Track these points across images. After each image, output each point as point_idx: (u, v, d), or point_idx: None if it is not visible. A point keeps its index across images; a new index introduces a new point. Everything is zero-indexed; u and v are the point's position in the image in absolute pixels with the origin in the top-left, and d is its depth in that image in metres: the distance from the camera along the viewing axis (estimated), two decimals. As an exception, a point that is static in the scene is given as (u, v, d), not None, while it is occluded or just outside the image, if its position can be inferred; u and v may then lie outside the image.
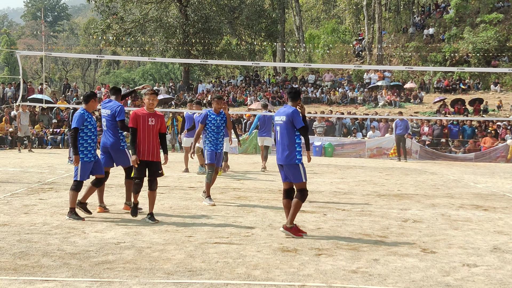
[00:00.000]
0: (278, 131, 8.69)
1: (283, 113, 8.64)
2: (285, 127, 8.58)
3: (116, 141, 10.32)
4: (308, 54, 57.86)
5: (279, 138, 8.67)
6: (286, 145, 8.56)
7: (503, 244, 8.45)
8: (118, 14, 45.58)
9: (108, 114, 10.35)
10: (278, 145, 8.70)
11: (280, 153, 8.66)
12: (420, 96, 39.53)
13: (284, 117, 8.59)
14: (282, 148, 8.62)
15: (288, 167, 8.58)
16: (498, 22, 46.48)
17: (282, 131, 8.62)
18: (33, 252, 7.20)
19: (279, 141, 8.68)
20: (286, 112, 8.59)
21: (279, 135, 8.68)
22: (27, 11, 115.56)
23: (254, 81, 45.61)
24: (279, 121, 8.67)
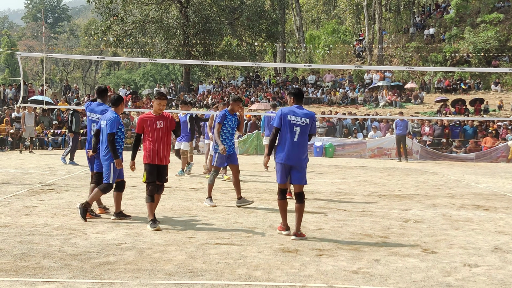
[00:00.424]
0: (297, 132, 8.54)
1: (306, 116, 8.57)
2: (306, 130, 8.56)
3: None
4: (308, 54, 57.85)
5: (297, 138, 8.54)
6: (305, 147, 8.59)
7: (504, 244, 8.45)
8: (118, 15, 45.64)
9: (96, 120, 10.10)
10: (294, 145, 8.55)
11: (296, 154, 8.55)
12: (421, 96, 39.52)
13: (308, 120, 8.56)
14: (299, 150, 8.54)
15: (300, 168, 8.58)
16: (498, 22, 46.48)
17: (303, 132, 8.55)
18: (34, 254, 7.20)
19: (296, 142, 8.54)
20: (310, 115, 8.60)
21: (297, 136, 8.54)
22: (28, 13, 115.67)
23: (254, 82, 45.62)
24: (301, 122, 8.55)
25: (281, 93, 41.28)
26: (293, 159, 8.54)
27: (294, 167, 8.58)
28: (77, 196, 12.20)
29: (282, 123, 8.61)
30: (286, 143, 8.57)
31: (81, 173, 16.85)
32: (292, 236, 8.49)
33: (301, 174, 8.60)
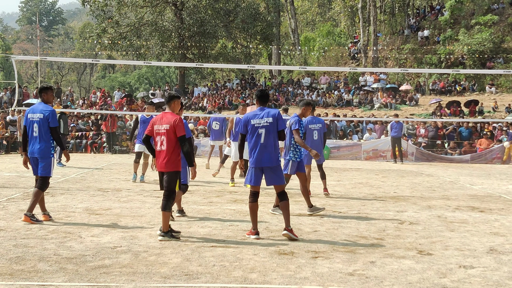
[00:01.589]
0: (263, 134, 8.60)
1: (268, 115, 8.66)
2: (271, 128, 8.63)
3: (47, 148, 9.70)
4: (303, 56, 57.90)
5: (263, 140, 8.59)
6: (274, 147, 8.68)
7: (500, 246, 8.47)
8: (113, 18, 45.58)
9: (40, 118, 9.68)
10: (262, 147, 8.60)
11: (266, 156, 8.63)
12: (416, 98, 39.58)
13: (271, 118, 8.64)
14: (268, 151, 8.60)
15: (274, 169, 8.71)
16: (492, 24, 46.59)
17: (269, 132, 8.61)
18: (29, 257, 7.18)
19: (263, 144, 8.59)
20: (272, 113, 8.67)
21: (263, 138, 8.59)
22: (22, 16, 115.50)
23: (250, 84, 45.62)
24: (264, 123, 8.63)
25: (276, 96, 41.29)
26: (263, 161, 8.59)
27: (267, 168, 8.64)
28: (72, 199, 12.19)
29: (247, 129, 8.72)
30: (254, 147, 8.66)
31: (76, 176, 16.83)
32: (284, 231, 8.58)
33: (276, 175, 8.69)
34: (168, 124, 8.52)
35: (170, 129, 8.50)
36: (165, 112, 8.74)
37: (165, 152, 8.52)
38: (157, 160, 8.66)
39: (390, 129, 25.55)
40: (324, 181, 13.83)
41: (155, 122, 8.64)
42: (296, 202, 12.48)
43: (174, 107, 8.83)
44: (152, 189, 14.29)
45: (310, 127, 13.31)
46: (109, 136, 28.91)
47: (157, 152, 8.62)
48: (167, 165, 8.53)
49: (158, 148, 8.58)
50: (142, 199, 12.40)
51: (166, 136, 8.51)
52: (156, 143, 8.62)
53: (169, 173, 8.55)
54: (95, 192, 13.52)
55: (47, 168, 9.69)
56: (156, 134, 8.60)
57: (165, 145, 8.52)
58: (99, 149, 29.18)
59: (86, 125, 30.86)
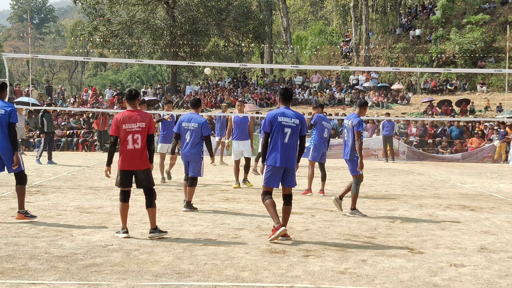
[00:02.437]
0: (288, 133, 8.44)
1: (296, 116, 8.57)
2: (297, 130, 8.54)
3: (10, 146, 9.54)
4: (295, 55, 57.88)
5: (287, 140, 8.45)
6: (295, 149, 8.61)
7: (490, 244, 8.50)
8: (105, 16, 45.46)
9: (2, 113, 9.48)
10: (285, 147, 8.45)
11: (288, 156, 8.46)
12: (407, 97, 39.65)
13: (298, 120, 8.54)
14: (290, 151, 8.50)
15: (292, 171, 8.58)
16: (484, 23, 46.70)
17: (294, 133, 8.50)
18: (20, 255, 7.16)
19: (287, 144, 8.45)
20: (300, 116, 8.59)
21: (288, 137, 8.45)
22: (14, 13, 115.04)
23: (242, 83, 45.60)
24: (292, 123, 8.49)
25: (268, 94, 41.29)
26: (285, 161, 8.40)
27: (287, 169, 8.48)
28: (64, 198, 12.16)
29: (272, 127, 8.48)
30: (277, 145, 8.43)
31: (67, 175, 16.79)
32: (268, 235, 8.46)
33: (292, 176, 8.56)
34: (143, 122, 8.51)
35: (146, 127, 8.52)
36: (132, 110, 8.64)
37: (140, 151, 8.51)
38: (128, 158, 8.51)
39: (382, 128, 25.61)
40: (323, 183, 13.89)
41: (124, 120, 8.48)
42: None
43: (137, 104, 8.80)
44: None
45: (323, 123, 13.58)
46: (100, 134, 28.84)
47: (129, 150, 8.48)
48: (143, 163, 8.55)
49: (130, 147, 8.46)
50: (133, 197, 12.34)
51: (141, 134, 8.49)
52: (126, 142, 8.49)
53: (145, 171, 8.58)
54: (86, 190, 13.49)
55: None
56: (127, 133, 8.46)
57: (139, 143, 8.47)
58: (90, 147, 29.13)
59: (78, 123, 30.80)
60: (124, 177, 8.56)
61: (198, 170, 11.11)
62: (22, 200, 9.55)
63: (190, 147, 11.04)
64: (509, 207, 12.45)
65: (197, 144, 11.06)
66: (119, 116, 8.59)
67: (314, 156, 13.80)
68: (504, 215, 11.33)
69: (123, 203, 8.56)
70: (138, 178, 8.58)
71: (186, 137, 11.11)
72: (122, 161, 8.53)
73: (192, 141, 11.04)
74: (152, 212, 8.52)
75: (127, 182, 8.60)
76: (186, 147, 11.09)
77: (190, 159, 11.09)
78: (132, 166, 8.52)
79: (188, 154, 11.06)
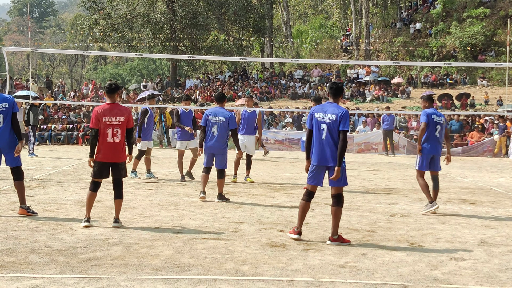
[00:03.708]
0: (324, 130, 8.01)
1: (333, 112, 8.00)
2: (333, 127, 7.95)
3: (12, 138, 9.54)
4: (295, 49, 57.81)
5: (325, 137, 7.99)
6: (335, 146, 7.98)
7: (490, 238, 8.50)
8: (105, 10, 45.42)
9: (6, 107, 9.46)
10: (323, 145, 8.02)
11: (326, 154, 7.99)
12: (408, 91, 39.63)
13: (334, 116, 7.97)
14: (329, 149, 7.98)
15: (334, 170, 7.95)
16: (484, 17, 46.65)
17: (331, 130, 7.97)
18: (20, 249, 7.16)
19: (325, 141, 8.00)
20: (337, 112, 7.99)
21: (324, 134, 7.99)
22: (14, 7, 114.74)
23: (242, 77, 45.56)
24: (327, 119, 8.00)
25: (268, 88, 41.26)
26: (325, 160, 8.02)
27: (329, 168, 8.04)
28: (64, 192, 12.16)
29: (311, 123, 8.18)
30: (316, 143, 8.10)
31: (68, 168, 16.78)
32: (328, 241, 7.97)
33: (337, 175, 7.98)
34: (123, 116, 8.68)
35: (125, 121, 8.70)
36: (111, 103, 8.80)
37: (119, 144, 8.69)
38: (107, 151, 8.68)
39: (382, 122, 25.61)
40: None
41: (104, 114, 8.65)
42: (288, 195, 12.50)
43: (116, 97, 8.94)
44: (151, 181, 14.28)
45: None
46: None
47: (109, 143, 8.65)
48: (122, 156, 8.76)
49: (110, 140, 8.63)
50: (133, 191, 12.38)
51: (120, 128, 8.65)
52: (106, 135, 8.64)
53: (122, 164, 8.80)
54: (86, 184, 13.43)
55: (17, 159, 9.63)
56: (107, 126, 8.63)
57: (119, 136, 8.65)
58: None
59: (78, 117, 30.77)
60: (101, 169, 8.76)
61: (225, 163, 11.57)
62: (23, 195, 9.54)
63: (217, 140, 11.39)
64: (509, 201, 12.45)
65: (223, 137, 11.44)
66: (99, 109, 8.76)
67: None
68: (504, 209, 11.34)
69: (92, 192, 8.82)
70: (115, 170, 8.77)
71: (213, 131, 11.42)
72: (101, 153, 8.71)
73: (218, 134, 11.39)
74: (120, 203, 8.80)
75: (103, 173, 8.80)
76: (212, 140, 11.42)
77: (216, 152, 11.46)
78: (111, 159, 8.71)
79: (215, 146, 11.43)
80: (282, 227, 8.90)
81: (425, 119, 10.82)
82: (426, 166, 10.96)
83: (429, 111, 10.90)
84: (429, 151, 10.86)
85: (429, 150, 10.85)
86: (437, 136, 10.87)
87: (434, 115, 10.85)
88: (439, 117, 10.90)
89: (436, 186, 11.02)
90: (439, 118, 10.89)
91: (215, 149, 11.42)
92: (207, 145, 11.50)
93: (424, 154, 10.88)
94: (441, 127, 10.83)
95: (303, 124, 28.97)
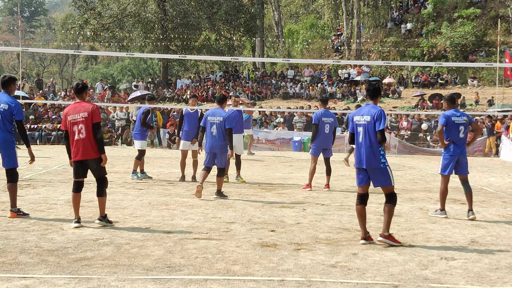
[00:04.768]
0: (361, 133, 8.03)
1: (368, 113, 8.06)
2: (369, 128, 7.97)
3: (9, 137, 9.51)
4: (287, 49, 57.87)
5: (362, 139, 8.04)
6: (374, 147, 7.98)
7: (481, 238, 8.53)
8: (95, 9, 45.28)
9: (5, 108, 9.41)
10: (361, 147, 8.06)
11: (365, 156, 8.00)
12: (399, 91, 39.75)
13: (368, 117, 8.01)
14: (368, 151, 7.98)
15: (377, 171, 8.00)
16: (475, 17, 46.87)
17: (367, 131, 8.00)
18: (10, 249, 7.14)
19: (362, 143, 8.04)
20: (371, 112, 8.05)
21: (361, 137, 8.03)
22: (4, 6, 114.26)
23: (233, 77, 45.55)
24: (363, 121, 8.05)
25: (260, 88, 41.27)
26: (363, 162, 8.02)
27: (370, 170, 8.03)
28: (54, 192, 12.12)
29: (352, 126, 8.19)
30: (357, 146, 8.15)
31: (58, 168, 16.73)
32: (379, 237, 7.95)
33: (382, 175, 7.99)
34: (86, 111, 8.65)
35: (89, 116, 8.64)
36: (77, 102, 8.87)
37: (86, 140, 8.64)
38: (76, 149, 8.68)
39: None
40: (328, 177, 13.84)
41: (68, 113, 8.75)
42: (279, 195, 12.50)
43: (85, 96, 8.96)
44: (141, 182, 14.26)
45: (323, 119, 13.57)
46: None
47: (76, 141, 8.66)
48: (92, 152, 8.70)
49: (76, 137, 8.64)
50: (124, 191, 12.36)
51: (84, 124, 8.64)
52: (73, 133, 8.69)
53: (96, 160, 8.74)
54: (77, 184, 13.43)
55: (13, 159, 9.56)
56: (72, 124, 8.69)
57: (83, 132, 8.63)
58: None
59: (68, 117, 30.64)
60: (76, 168, 8.79)
61: (225, 161, 12.00)
62: (14, 198, 9.45)
63: (218, 139, 11.77)
64: (499, 201, 12.51)
65: (223, 137, 11.77)
66: (66, 110, 8.87)
67: (314, 152, 13.81)
68: (494, 209, 11.39)
69: (75, 193, 8.82)
70: (90, 167, 8.78)
71: (212, 131, 11.83)
72: (73, 153, 8.74)
73: (218, 134, 11.77)
74: (102, 200, 8.82)
75: (79, 172, 8.80)
76: (213, 140, 11.80)
77: (217, 151, 11.82)
78: (82, 156, 8.68)
79: (215, 146, 11.82)
80: (273, 227, 8.90)
81: (442, 121, 10.41)
82: (450, 170, 10.52)
83: (448, 113, 10.43)
84: (453, 153, 10.39)
85: (453, 152, 10.39)
86: (461, 137, 10.36)
87: (453, 116, 10.36)
88: (460, 118, 10.37)
89: (468, 189, 10.50)
90: (460, 118, 10.37)
91: (216, 148, 11.79)
92: (208, 145, 11.87)
93: (448, 156, 10.46)
94: (464, 127, 10.38)
95: (294, 124, 29.00)
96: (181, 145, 14.81)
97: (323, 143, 13.67)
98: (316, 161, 13.78)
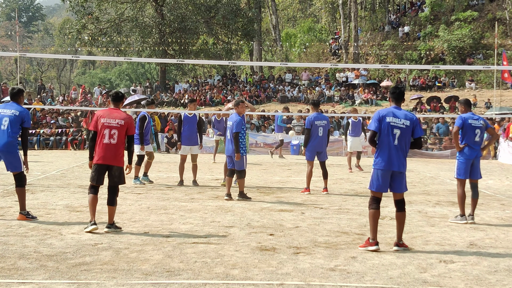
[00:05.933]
0: (397, 135, 7.90)
1: (406, 117, 8.03)
2: (406, 132, 7.94)
3: (13, 143, 9.58)
4: (285, 53, 57.92)
5: (397, 142, 7.90)
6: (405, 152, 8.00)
7: (479, 240, 8.53)
8: (93, 14, 45.32)
9: (16, 114, 9.53)
10: (394, 149, 7.90)
11: (398, 159, 7.90)
12: (397, 94, 39.72)
13: (408, 122, 7.99)
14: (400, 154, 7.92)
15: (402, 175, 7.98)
16: (472, 20, 46.93)
17: (403, 135, 7.94)
18: (9, 255, 7.12)
19: (397, 146, 7.91)
20: (411, 118, 8.05)
21: (397, 139, 7.90)
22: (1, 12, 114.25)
23: (231, 81, 45.58)
24: (401, 125, 7.97)
25: (258, 92, 41.29)
26: (395, 165, 7.89)
27: (395, 173, 7.95)
28: (53, 197, 12.11)
29: (380, 126, 7.99)
30: (386, 147, 7.93)
31: (56, 173, 16.72)
32: (394, 246, 7.90)
33: (402, 181, 7.98)
34: (123, 120, 8.67)
35: (124, 125, 8.67)
36: (114, 108, 8.92)
37: (116, 146, 8.64)
38: (103, 152, 8.63)
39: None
40: (325, 181, 13.84)
41: (103, 115, 8.72)
42: (278, 199, 12.50)
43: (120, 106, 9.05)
44: (140, 186, 14.24)
45: (316, 123, 13.64)
46: (89, 133, 28.71)
47: (105, 144, 8.61)
48: (118, 159, 8.69)
49: (106, 141, 8.60)
50: (123, 196, 12.34)
51: (118, 130, 8.63)
52: (103, 136, 8.64)
53: (119, 168, 8.72)
54: (75, 189, 13.44)
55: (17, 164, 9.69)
56: (104, 127, 8.64)
57: (115, 138, 8.62)
58: (79, 146, 29.01)
59: (66, 121, 30.67)
60: (98, 172, 8.68)
61: (242, 163, 12.14)
62: (23, 201, 9.60)
63: (231, 143, 12.16)
64: (497, 203, 12.51)
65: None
66: (100, 112, 8.85)
67: (309, 156, 13.81)
68: (493, 211, 11.38)
69: (93, 195, 8.74)
70: (112, 174, 8.69)
71: (227, 135, 12.35)
72: (97, 155, 8.65)
73: (231, 138, 12.12)
74: (112, 209, 8.73)
75: (99, 178, 8.71)
76: (228, 144, 12.29)
77: (232, 154, 12.11)
78: (108, 161, 8.63)
79: (229, 149, 12.23)
80: (272, 230, 8.89)
81: (459, 123, 10.31)
82: (466, 174, 10.33)
83: (465, 116, 10.34)
84: (469, 156, 10.24)
85: (468, 156, 10.24)
86: (476, 140, 10.25)
87: (470, 119, 10.24)
88: (477, 121, 10.27)
89: (476, 195, 10.35)
90: (477, 121, 10.26)
91: (231, 151, 12.16)
92: (225, 149, 12.46)
93: (463, 160, 10.31)
94: (481, 131, 10.31)
95: (292, 127, 28.99)
96: (181, 150, 14.83)
97: (317, 146, 13.71)
98: (312, 165, 13.78)
